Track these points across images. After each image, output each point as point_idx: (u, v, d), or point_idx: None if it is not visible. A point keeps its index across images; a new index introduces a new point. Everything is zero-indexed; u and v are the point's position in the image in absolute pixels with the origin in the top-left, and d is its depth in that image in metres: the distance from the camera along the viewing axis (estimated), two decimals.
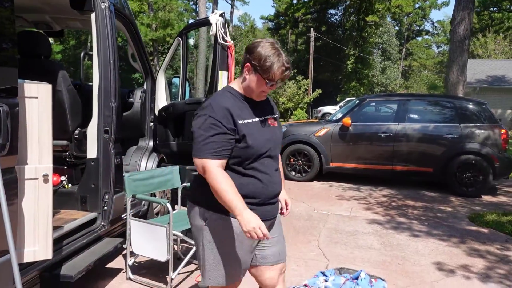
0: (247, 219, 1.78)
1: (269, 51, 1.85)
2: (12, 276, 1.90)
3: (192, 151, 1.89)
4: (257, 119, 1.97)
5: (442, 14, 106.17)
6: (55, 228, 2.66)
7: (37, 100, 2.22)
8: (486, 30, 34.71)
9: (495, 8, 37.82)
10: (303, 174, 7.66)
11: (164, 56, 33.19)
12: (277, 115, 2.13)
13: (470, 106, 7.27)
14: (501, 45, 32.18)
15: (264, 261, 2.10)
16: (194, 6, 42.07)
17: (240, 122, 1.89)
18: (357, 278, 3.18)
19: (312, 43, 31.41)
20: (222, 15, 3.89)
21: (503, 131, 6.92)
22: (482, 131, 6.89)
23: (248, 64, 1.89)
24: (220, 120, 1.85)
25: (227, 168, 1.91)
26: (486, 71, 23.72)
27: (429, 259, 4.05)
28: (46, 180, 2.20)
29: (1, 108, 1.92)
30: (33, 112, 2.20)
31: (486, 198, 6.83)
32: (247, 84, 1.93)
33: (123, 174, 3.36)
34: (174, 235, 3.20)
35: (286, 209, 2.21)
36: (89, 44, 31.58)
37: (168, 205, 3.13)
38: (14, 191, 2.02)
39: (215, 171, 1.83)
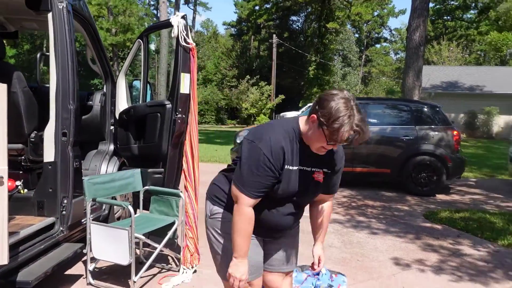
0: (238, 266, 1.86)
1: (341, 110, 1.67)
2: None
3: (234, 175, 1.89)
4: (301, 168, 1.89)
5: (399, 22, 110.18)
6: (11, 234, 2.59)
7: None
8: (440, 38, 36.19)
9: (448, 17, 39.56)
10: None
11: (124, 60, 32.73)
12: (330, 171, 1.98)
13: (425, 109, 7.58)
14: (454, 52, 33.62)
15: (267, 266, 2.14)
16: (155, 11, 41.70)
17: (286, 167, 1.84)
18: (318, 274, 3.25)
19: (274, 50, 31.78)
20: (184, 17, 3.90)
21: (455, 132, 7.25)
22: (436, 133, 7.20)
23: (315, 116, 1.74)
24: (274, 163, 1.80)
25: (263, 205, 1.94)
26: (440, 77, 24.71)
27: (386, 255, 4.20)
28: (0, 183, 2.14)
29: None
30: None
31: (440, 196, 7.13)
32: (308, 134, 1.81)
33: (82, 178, 3.30)
34: (136, 238, 3.17)
35: (318, 266, 2.18)
36: (44, 48, 30.67)
37: (130, 208, 3.10)
38: None
39: (246, 210, 1.84)
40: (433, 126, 7.27)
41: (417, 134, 7.21)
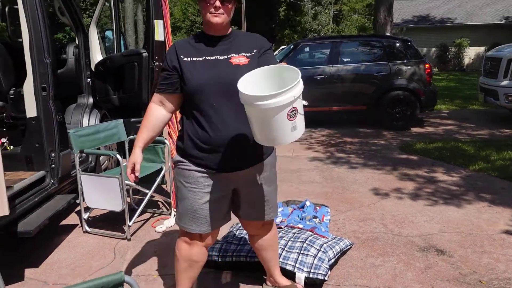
0: (131, 156, 1.95)
1: None
2: None
3: None
4: (210, 57, 1.86)
5: None
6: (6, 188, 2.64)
7: None
8: None
9: None
10: None
11: (88, 13, 31.19)
12: (253, 53, 1.91)
13: (397, 44, 7.66)
14: None
15: (240, 214, 2.12)
16: None
17: (185, 59, 1.86)
18: (303, 207, 3.46)
19: None
20: None
21: (427, 65, 7.40)
22: (409, 67, 7.34)
23: None
24: (167, 57, 1.92)
25: (187, 115, 1.93)
26: (411, 11, 24.60)
27: (366, 186, 4.43)
28: None
29: None
30: None
31: (415, 129, 7.39)
32: (202, 16, 1.88)
33: (68, 131, 3.33)
34: (126, 185, 3.27)
35: None
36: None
37: (118, 156, 3.17)
38: None
39: (149, 105, 1.99)
40: (405, 61, 7.40)
41: (390, 69, 7.33)
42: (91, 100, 4.33)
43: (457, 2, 25.65)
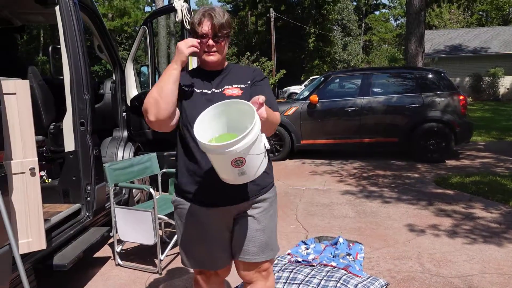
0: (177, 54, 1.78)
1: (197, 14, 1.85)
2: (10, 268, 1.96)
3: None
4: (207, 91, 1.86)
5: None
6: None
7: (16, 96, 2.25)
8: (441, 0, 35.55)
9: None
10: (276, 154, 7.82)
11: (123, 46, 32.41)
12: (246, 84, 1.88)
13: (429, 75, 7.57)
14: (455, 15, 33.07)
15: (236, 255, 1.93)
16: None
17: (184, 88, 1.85)
18: (336, 244, 3.38)
19: (272, 24, 31.41)
20: (186, 0, 3.93)
21: (461, 97, 7.26)
22: (442, 98, 7.22)
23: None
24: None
25: (182, 147, 1.90)
26: (443, 41, 24.45)
27: (400, 222, 4.31)
28: (33, 174, 2.24)
29: None
30: (13, 108, 2.23)
31: (450, 162, 7.20)
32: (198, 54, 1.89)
33: (103, 165, 3.41)
34: (159, 218, 3.29)
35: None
36: (41, 38, 30.53)
37: (152, 190, 3.21)
38: (4, 186, 2.07)
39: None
40: (438, 92, 7.28)
41: (423, 101, 7.23)
42: (126, 133, 4.44)
43: (490, 31, 25.35)
